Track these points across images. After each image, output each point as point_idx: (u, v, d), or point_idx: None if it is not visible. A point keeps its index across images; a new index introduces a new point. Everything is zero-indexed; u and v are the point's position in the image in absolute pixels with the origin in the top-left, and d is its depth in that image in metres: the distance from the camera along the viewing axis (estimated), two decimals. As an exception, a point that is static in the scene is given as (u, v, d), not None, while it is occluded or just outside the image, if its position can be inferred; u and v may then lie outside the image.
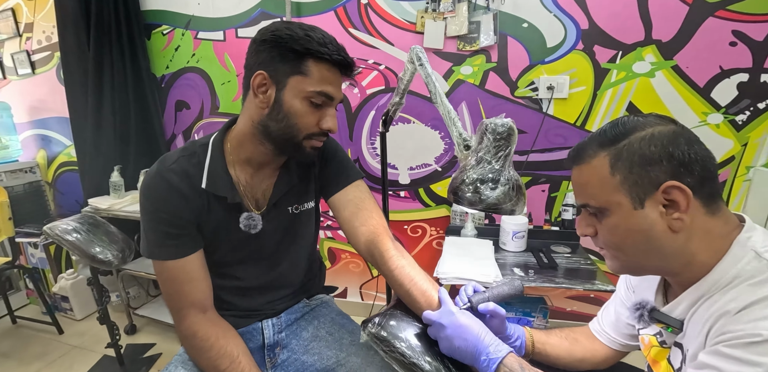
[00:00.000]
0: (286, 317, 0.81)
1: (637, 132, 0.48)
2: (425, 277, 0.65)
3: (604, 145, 0.49)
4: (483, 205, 0.55)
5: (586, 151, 0.51)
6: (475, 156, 0.59)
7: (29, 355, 1.64)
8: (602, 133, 0.51)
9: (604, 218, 0.50)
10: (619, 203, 0.48)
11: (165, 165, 0.69)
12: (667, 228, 0.47)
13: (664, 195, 0.45)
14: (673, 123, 0.49)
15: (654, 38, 1.27)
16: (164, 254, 0.68)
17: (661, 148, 0.46)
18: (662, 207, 0.46)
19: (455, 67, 1.42)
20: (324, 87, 0.63)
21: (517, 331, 0.68)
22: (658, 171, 0.46)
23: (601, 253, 0.55)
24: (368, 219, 0.74)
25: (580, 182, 0.53)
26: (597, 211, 0.51)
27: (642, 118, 0.50)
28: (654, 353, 0.58)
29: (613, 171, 0.48)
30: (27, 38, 1.96)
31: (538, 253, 1.15)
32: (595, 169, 0.50)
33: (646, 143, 0.46)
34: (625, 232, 0.49)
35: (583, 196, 0.53)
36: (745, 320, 0.41)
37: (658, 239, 0.47)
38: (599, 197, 0.50)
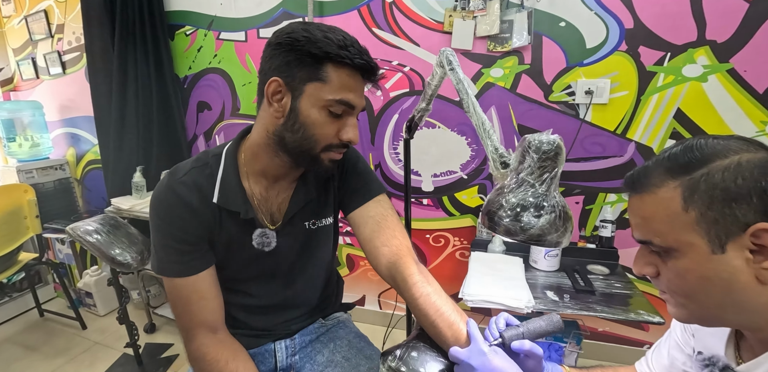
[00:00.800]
0: (300, 339, 0.76)
1: (717, 159, 0.39)
2: (453, 307, 0.59)
3: (675, 172, 0.41)
4: (524, 235, 0.48)
5: (651, 178, 0.42)
6: (515, 177, 0.52)
7: (53, 350, 1.68)
8: (672, 157, 0.42)
9: (671, 260, 0.42)
10: (692, 244, 0.40)
11: (176, 177, 0.65)
12: (753, 278, 0.38)
13: (753, 239, 0.37)
14: (763, 149, 0.40)
15: (708, 39, 1.15)
16: (173, 271, 0.65)
17: (751, 182, 0.37)
18: (749, 253, 0.38)
19: (485, 70, 1.33)
20: (344, 95, 0.58)
21: (553, 369, 0.61)
22: (745, 209, 0.37)
23: (663, 297, 0.47)
24: (391, 238, 0.68)
25: (643, 215, 0.44)
26: (662, 250, 0.43)
27: (722, 141, 0.41)
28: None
29: (687, 206, 0.39)
30: (58, 39, 2.00)
31: (572, 273, 1.06)
32: (663, 202, 0.41)
33: (731, 175, 0.38)
34: (698, 280, 0.41)
35: (645, 231, 0.44)
36: None
37: (740, 291, 0.39)
38: (667, 236, 0.42)
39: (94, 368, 1.55)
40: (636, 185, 0.45)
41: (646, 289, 1.33)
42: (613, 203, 1.33)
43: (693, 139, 0.43)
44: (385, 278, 0.67)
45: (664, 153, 0.44)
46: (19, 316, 1.94)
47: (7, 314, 1.91)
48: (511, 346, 0.53)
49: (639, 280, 1.31)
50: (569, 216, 0.51)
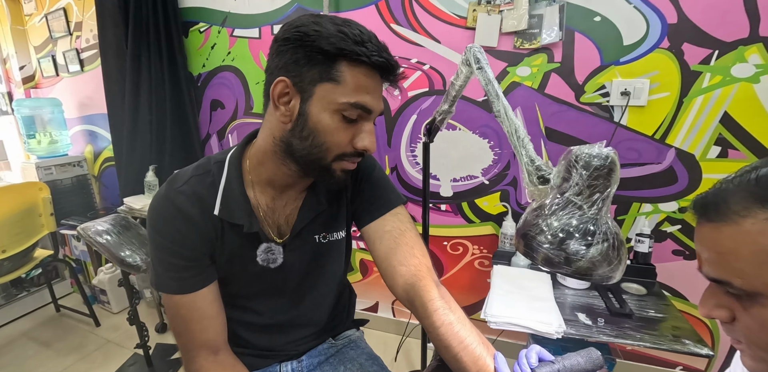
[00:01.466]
0: (308, 360, 0.71)
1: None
2: (479, 338, 0.52)
3: (764, 199, 0.33)
4: (570, 268, 0.41)
5: (732, 205, 0.35)
6: (558, 196, 0.45)
7: (67, 347, 1.69)
8: (763, 179, 0.34)
9: (756, 306, 0.35)
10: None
11: (174, 186, 0.60)
12: None
13: None
14: None
15: (762, 35, 1.03)
16: (172, 288, 0.60)
17: None
18: None
19: (510, 68, 1.25)
20: (360, 97, 0.51)
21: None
22: None
23: (737, 347, 0.39)
24: (409, 257, 0.61)
25: (719, 250, 0.37)
26: (744, 293, 0.35)
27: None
28: None
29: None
30: (77, 37, 2.00)
31: (605, 292, 0.96)
32: (749, 236, 0.34)
33: None
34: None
35: (721, 270, 0.37)
36: None
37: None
38: (753, 278, 0.34)
39: (105, 367, 1.55)
40: (710, 212, 0.37)
41: (685, 309, 1.23)
42: (648, 214, 1.23)
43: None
44: (402, 301, 0.61)
45: (751, 174, 0.35)
46: (36, 310, 1.97)
47: (24, 309, 1.93)
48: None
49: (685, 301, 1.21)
50: (622, 243, 0.44)
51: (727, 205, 0.35)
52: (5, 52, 2.27)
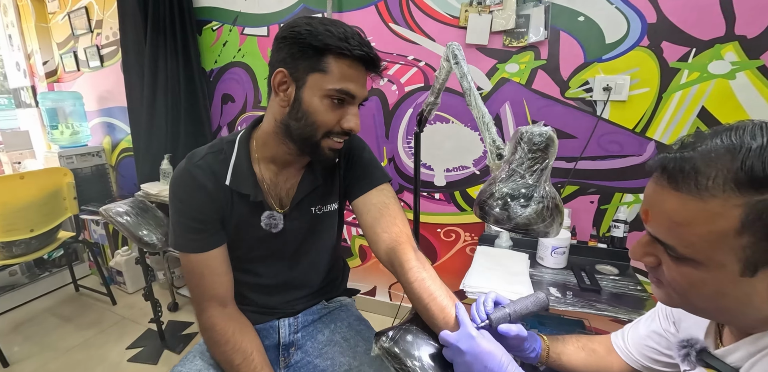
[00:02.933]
0: (303, 318, 0.81)
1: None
2: (446, 292, 0.61)
3: (743, 185, 0.33)
4: (511, 224, 0.50)
5: (707, 178, 0.35)
6: (506, 168, 0.54)
7: (86, 322, 1.82)
8: (748, 163, 0.33)
9: (687, 267, 0.38)
10: (722, 265, 0.36)
11: (192, 161, 0.71)
12: (766, 299, 0.37)
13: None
14: None
15: (737, 34, 1.09)
16: (188, 247, 0.70)
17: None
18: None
19: (500, 65, 1.33)
20: (344, 84, 0.61)
21: (533, 343, 0.64)
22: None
23: (651, 281, 0.46)
24: (391, 226, 0.71)
25: (676, 217, 0.37)
26: (678, 255, 0.38)
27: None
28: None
29: (743, 231, 0.34)
30: (97, 34, 2.13)
31: (579, 272, 1.05)
32: (712, 217, 0.35)
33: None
34: (711, 292, 0.38)
35: (669, 234, 0.39)
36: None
37: (749, 308, 0.38)
38: (697, 250, 0.37)
39: (121, 340, 1.68)
40: (680, 181, 0.36)
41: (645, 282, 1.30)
42: (629, 204, 1.30)
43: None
44: (384, 263, 0.70)
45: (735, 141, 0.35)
46: (57, 290, 2.11)
47: (46, 288, 2.08)
48: (498, 330, 0.56)
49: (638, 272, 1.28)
50: (559, 208, 0.52)
51: (703, 179, 0.35)
52: (30, 48, 2.42)
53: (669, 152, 0.39)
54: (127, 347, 1.63)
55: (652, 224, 0.40)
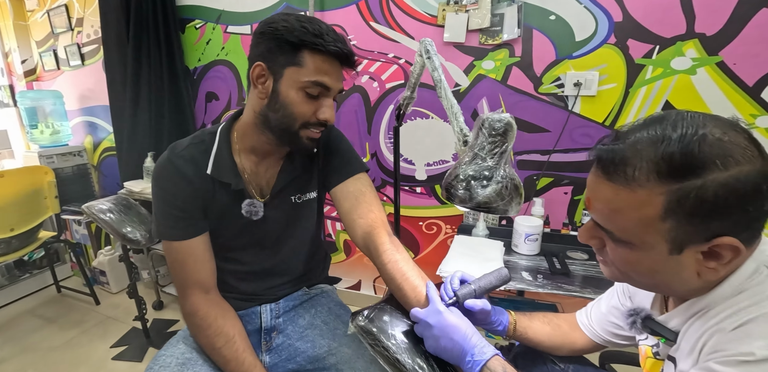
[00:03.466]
0: (284, 303, 0.83)
1: (716, 170, 0.35)
2: (418, 273, 0.65)
3: (665, 176, 0.37)
4: (473, 203, 0.54)
5: (634, 172, 0.38)
6: (470, 152, 0.58)
7: (69, 322, 1.80)
8: (668, 155, 0.36)
9: (625, 248, 0.43)
10: (652, 246, 0.40)
11: (175, 151, 0.73)
12: (695, 273, 0.41)
13: (712, 246, 0.38)
14: (760, 153, 0.37)
15: (697, 32, 1.16)
16: (171, 235, 0.72)
17: (739, 200, 0.35)
18: (700, 255, 0.39)
19: (476, 62, 1.38)
20: (319, 77, 0.64)
21: (501, 316, 0.68)
22: (718, 224, 0.37)
23: (598, 260, 0.51)
24: (367, 212, 0.74)
25: (611, 206, 0.41)
26: (617, 239, 0.43)
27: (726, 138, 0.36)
28: (649, 365, 0.55)
29: (666, 216, 0.37)
30: (78, 32, 2.11)
31: (551, 258, 1.10)
32: (640, 204, 0.38)
33: (725, 192, 0.35)
34: (647, 270, 0.43)
35: (605, 220, 0.43)
36: (740, 338, 0.38)
37: (679, 280, 0.42)
38: (630, 234, 0.41)
39: (105, 340, 1.66)
40: (611, 173, 0.40)
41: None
42: (600, 194, 1.36)
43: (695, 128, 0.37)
44: (360, 247, 0.74)
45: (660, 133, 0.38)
46: (38, 291, 2.08)
47: (27, 289, 2.04)
48: (465, 305, 0.59)
49: None
50: (518, 188, 0.56)
51: (632, 171, 0.38)
52: (7, 47, 2.38)
53: (604, 144, 0.42)
54: (111, 346, 1.62)
55: (593, 211, 0.45)
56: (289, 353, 0.78)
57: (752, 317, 0.39)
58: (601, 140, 0.43)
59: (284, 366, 0.77)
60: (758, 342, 0.36)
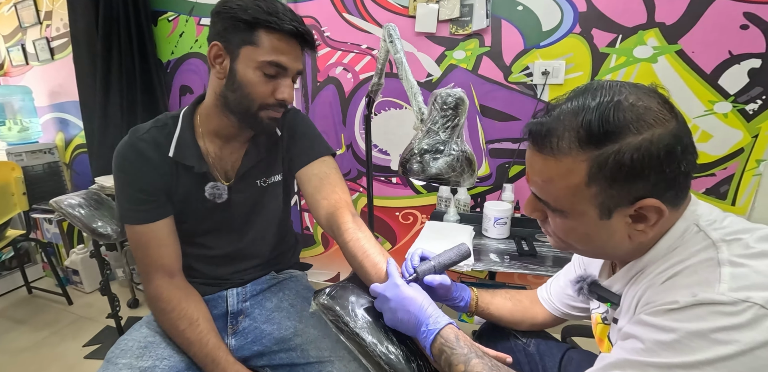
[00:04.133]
0: (251, 287, 0.83)
1: (631, 135, 0.37)
2: (379, 250, 0.65)
3: (585, 144, 0.39)
4: (425, 175, 0.55)
5: (558, 142, 0.41)
6: (425, 127, 0.59)
7: (40, 322, 1.75)
8: (586, 123, 0.39)
9: (561, 217, 0.45)
10: (584, 212, 0.42)
11: (136, 135, 0.72)
12: (626, 236, 0.44)
13: (637, 209, 0.41)
14: (673, 116, 0.39)
15: (657, 21, 1.21)
16: (134, 219, 0.72)
17: (654, 162, 0.38)
18: (629, 218, 0.42)
19: (448, 52, 1.39)
20: (275, 57, 0.64)
21: (463, 292, 0.69)
22: (640, 186, 0.39)
23: (543, 232, 0.53)
24: (331, 193, 0.75)
25: (542, 176, 0.44)
26: (554, 209, 0.45)
27: (639, 104, 0.38)
28: (599, 331, 0.57)
29: (591, 182, 0.40)
30: (47, 26, 2.06)
31: (520, 240, 1.12)
32: (566, 172, 0.41)
33: (640, 155, 0.37)
34: (581, 235, 0.46)
35: (541, 191, 0.45)
36: (667, 289, 0.40)
37: (612, 244, 0.45)
38: (562, 202, 0.43)
39: (78, 339, 1.62)
40: (540, 144, 0.42)
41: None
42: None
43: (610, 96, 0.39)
44: (324, 228, 0.74)
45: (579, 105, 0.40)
46: (8, 293, 2.01)
47: (-4, 291, 1.98)
48: (424, 281, 0.60)
49: None
50: (471, 161, 0.58)
51: (556, 141, 0.40)
52: (-27, 42, 2.30)
53: (535, 117, 0.45)
54: (83, 344, 1.58)
55: (531, 184, 0.47)
56: (255, 335, 0.77)
57: (678, 270, 0.41)
58: (535, 115, 0.46)
59: (250, 348, 0.76)
60: (682, 291, 0.38)
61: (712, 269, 0.37)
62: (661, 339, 0.36)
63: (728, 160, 1.26)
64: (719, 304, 0.34)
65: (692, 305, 0.35)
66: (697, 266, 0.39)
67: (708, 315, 0.34)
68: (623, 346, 0.41)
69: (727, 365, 0.33)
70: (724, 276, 0.36)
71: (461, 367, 0.48)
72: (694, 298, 0.36)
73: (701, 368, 0.33)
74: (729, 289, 0.35)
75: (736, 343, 0.33)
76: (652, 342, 0.37)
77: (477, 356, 0.48)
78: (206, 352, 0.68)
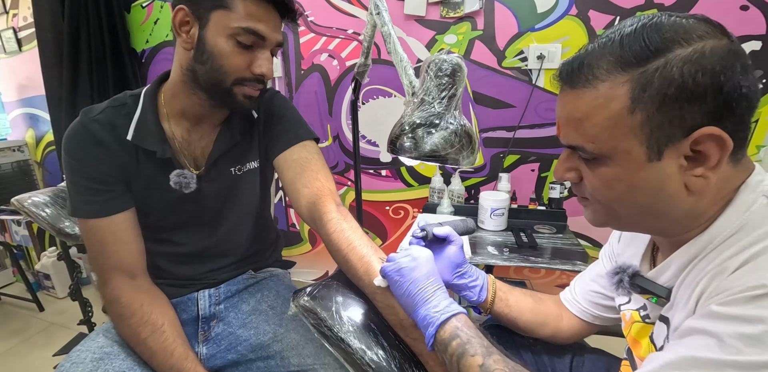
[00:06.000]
0: (225, 288, 0.74)
1: (679, 47, 0.32)
2: (367, 242, 0.57)
3: (626, 63, 0.34)
4: (418, 152, 0.48)
5: (594, 69, 0.35)
6: (416, 99, 0.51)
7: (8, 331, 1.64)
8: (626, 42, 0.34)
9: (601, 167, 0.38)
10: (629, 152, 0.35)
11: (89, 116, 0.63)
12: (682, 186, 0.35)
13: (693, 145, 0.33)
14: (726, 36, 0.34)
15: (656, 2, 1.15)
16: (87, 212, 0.63)
17: (711, 78, 0.32)
18: (684, 159, 0.34)
19: (438, 36, 1.32)
20: (252, 23, 0.56)
21: (477, 273, 0.60)
22: (696, 110, 0.32)
23: (581, 203, 0.44)
24: (313, 180, 0.67)
25: (577, 115, 0.37)
26: (592, 157, 0.38)
27: (685, 21, 0.34)
28: (635, 331, 0.48)
29: (634, 107, 0.34)
30: (14, 15, 1.93)
31: (518, 232, 1.06)
32: (605, 100, 0.35)
33: (692, 68, 0.32)
34: (627, 188, 0.37)
35: (576, 135, 0.38)
36: (746, 274, 0.32)
37: (666, 199, 0.36)
38: (603, 142, 0.36)
39: (48, 347, 1.52)
40: (573, 77, 0.37)
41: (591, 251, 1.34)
42: (567, 170, 1.33)
43: (650, 17, 0.35)
44: (306, 219, 0.66)
45: (615, 33, 0.36)
46: (-25, 300, 1.88)
47: (-40, 298, 1.85)
48: (433, 233, 0.54)
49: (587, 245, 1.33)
50: (470, 135, 0.50)
51: (591, 70, 0.35)
52: (-66, 34, 2.15)
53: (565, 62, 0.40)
54: (54, 354, 1.47)
55: (562, 133, 0.40)
56: (229, 342, 0.69)
57: (757, 251, 0.32)
58: None
59: (223, 356, 0.68)
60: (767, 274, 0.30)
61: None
62: (743, 332, 0.29)
63: (729, 147, 1.22)
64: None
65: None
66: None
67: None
68: (686, 343, 0.33)
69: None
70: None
71: (479, 359, 0.39)
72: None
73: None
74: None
75: None
76: (732, 336, 0.30)
77: (498, 353, 0.40)
78: (171, 364, 0.59)
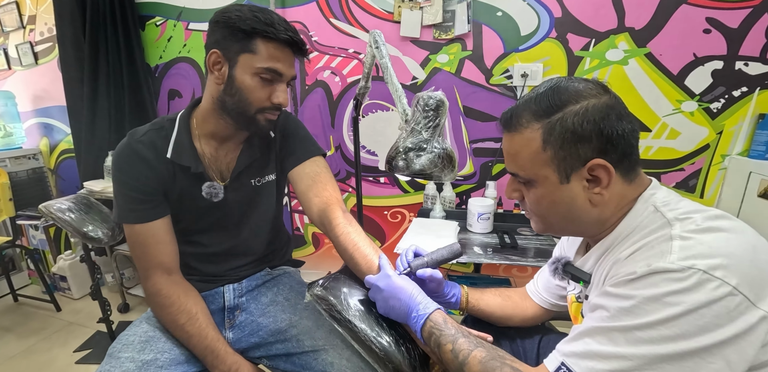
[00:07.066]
0: (247, 283, 0.86)
1: (571, 105, 0.47)
2: (369, 243, 0.69)
3: (539, 115, 0.49)
4: (410, 170, 0.60)
5: (520, 119, 0.50)
6: (408, 127, 0.64)
7: (27, 330, 1.73)
8: (538, 100, 0.49)
9: (532, 188, 0.52)
10: (546, 177, 0.49)
11: (134, 137, 0.75)
12: (587, 201, 0.49)
13: (589, 171, 0.47)
14: (606, 93, 0.49)
15: (627, 26, 1.28)
16: (132, 218, 0.74)
17: (593, 125, 0.46)
18: (585, 182, 0.48)
19: (432, 56, 1.45)
20: (272, 64, 0.68)
21: (453, 289, 0.73)
22: (586, 148, 0.47)
23: (527, 216, 0.58)
24: (322, 191, 0.79)
25: (511, 151, 0.53)
26: (525, 180, 0.52)
27: (578, 85, 0.49)
28: (574, 309, 0.62)
29: (545, 146, 0.48)
30: (30, 30, 2.04)
31: (502, 234, 1.18)
32: (527, 142, 0.49)
33: (580, 119, 0.46)
34: (550, 203, 0.51)
35: (513, 166, 0.53)
36: (628, 263, 0.45)
37: (578, 211, 0.50)
38: (528, 169, 0.51)
39: (67, 345, 1.61)
40: (508, 125, 0.52)
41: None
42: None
43: (556, 82, 0.50)
44: (316, 224, 0.78)
45: (533, 93, 0.51)
46: (-7, 301, 1.98)
47: (-20, 300, 1.94)
48: (417, 274, 0.64)
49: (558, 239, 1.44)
50: (451, 157, 0.63)
51: (518, 120, 0.50)
52: (-47, 47, 2.26)
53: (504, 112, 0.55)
54: (74, 350, 1.57)
55: (507, 165, 0.55)
56: (251, 328, 0.80)
57: (639, 246, 0.46)
58: None
59: (247, 340, 0.79)
60: (640, 263, 0.43)
61: (666, 243, 0.43)
62: (622, 306, 0.41)
63: (696, 156, 1.35)
64: (670, 272, 0.39)
65: (648, 274, 0.41)
66: (653, 242, 0.44)
67: (660, 282, 0.39)
68: (592, 316, 0.46)
69: (676, 324, 0.38)
70: (674, 248, 0.41)
71: (449, 346, 0.52)
72: (649, 268, 0.41)
73: (655, 327, 0.39)
74: (678, 259, 0.40)
75: (683, 304, 0.38)
76: (615, 309, 0.42)
77: (463, 336, 0.53)
78: (206, 345, 0.70)
